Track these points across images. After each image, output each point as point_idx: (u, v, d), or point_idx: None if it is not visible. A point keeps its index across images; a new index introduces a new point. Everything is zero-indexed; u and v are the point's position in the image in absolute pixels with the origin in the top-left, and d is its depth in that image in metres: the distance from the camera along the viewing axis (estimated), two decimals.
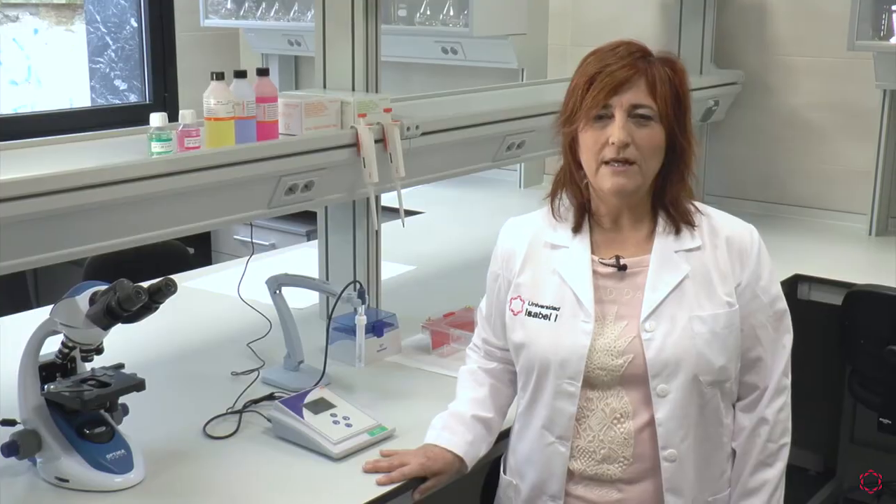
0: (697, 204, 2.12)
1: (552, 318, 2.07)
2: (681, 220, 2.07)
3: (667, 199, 2.07)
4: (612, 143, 1.97)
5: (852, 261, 3.95)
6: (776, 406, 2.09)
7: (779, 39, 4.48)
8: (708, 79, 4.47)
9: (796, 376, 2.12)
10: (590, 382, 2.03)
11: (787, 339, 2.11)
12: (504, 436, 2.29)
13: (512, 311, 2.14)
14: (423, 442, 2.23)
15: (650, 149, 1.99)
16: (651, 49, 2.05)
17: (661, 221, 2.08)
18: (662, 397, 1.99)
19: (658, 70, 2.01)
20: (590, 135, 2.01)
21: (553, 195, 2.16)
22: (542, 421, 2.09)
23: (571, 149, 2.08)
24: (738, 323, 2.04)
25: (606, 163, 1.99)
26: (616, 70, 1.98)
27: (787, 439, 2.10)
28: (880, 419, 3.49)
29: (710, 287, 2.04)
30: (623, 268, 2.06)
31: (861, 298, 3.42)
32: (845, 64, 4.28)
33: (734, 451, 2.12)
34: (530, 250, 2.15)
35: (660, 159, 2.03)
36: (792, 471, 2.15)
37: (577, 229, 2.11)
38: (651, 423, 2.01)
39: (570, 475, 2.08)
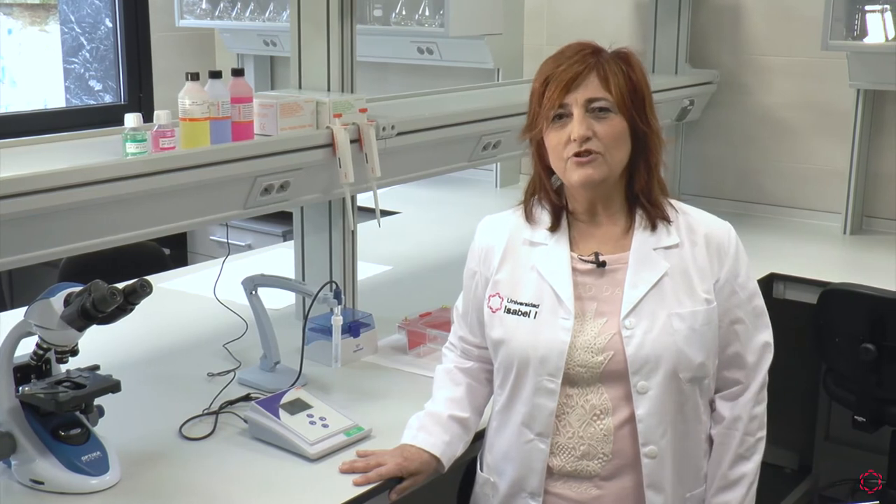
0: (673, 201, 2.13)
1: (531, 315, 2.07)
2: (656, 216, 2.09)
3: (637, 188, 2.08)
4: (574, 140, 1.99)
5: (827, 259, 3.97)
6: (755, 401, 2.11)
7: (753, 39, 4.50)
8: (683, 78, 4.48)
9: (771, 375, 2.14)
10: (570, 379, 2.04)
11: (767, 335, 2.13)
12: (481, 435, 2.29)
13: (490, 308, 2.14)
14: (400, 442, 2.23)
15: (612, 139, 2.01)
16: (603, 46, 2.08)
17: (637, 217, 2.10)
18: (643, 394, 2.00)
19: (609, 64, 2.03)
20: (552, 136, 2.04)
21: (526, 203, 2.18)
22: (522, 418, 2.10)
23: (539, 155, 2.10)
24: (716, 320, 2.05)
25: (572, 158, 2.01)
26: (566, 68, 2.02)
27: (763, 433, 2.13)
28: (855, 417, 3.51)
29: (688, 284, 2.05)
30: (602, 264, 2.07)
31: (836, 297, 3.43)
32: (819, 64, 4.30)
33: (710, 446, 2.13)
34: (509, 247, 2.16)
35: (625, 150, 2.05)
36: (767, 469, 2.17)
37: (554, 229, 2.12)
38: (631, 419, 2.02)
39: (549, 472, 2.08)
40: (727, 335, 2.09)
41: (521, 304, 2.09)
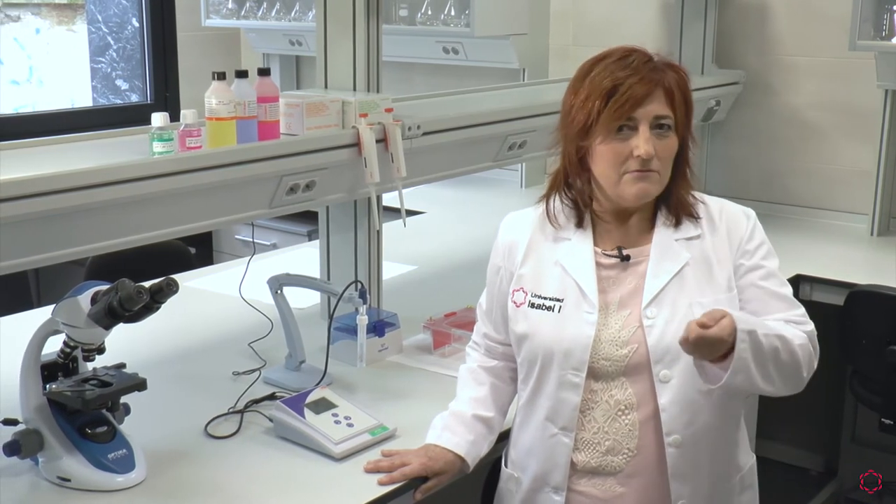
0: (697, 194, 2.13)
1: (556, 309, 2.08)
2: (683, 214, 2.09)
3: (672, 199, 2.08)
4: (638, 156, 1.97)
5: (853, 261, 3.95)
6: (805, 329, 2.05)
7: (780, 39, 4.48)
8: (709, 79, 4.47)
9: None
10: (594, 373, 2.04)
11: (788, 290, 2.11)
12: (505, 434, 2.29)
13: (514, 302, 2.14)
14: (424, 442, 2.23)
15: (669, 157, 2.02)
16: (651, 52, 2.06)
17: (661, 214, 2.10)
18: (665, 383, 2.00)
19: (670, 77, 2.02)
20: (610, 147, 2.00)
21: (547, 198, 2.17)
22: (545, 412, 2.10)
23: (579, 158, 2.07)
24: (738, 308, 2.05)
25: (629, 172, 2.00)
26: (637, 83, 1.98)
27: (804, 345, 2.02)
28: (881, 419, 3.49)
29: (710, 273, 2.05)
30: (626, 258, 2.08)
31: (862, 298, 3.42)
32: (846, 64, 4.28)
33: (741, 435, 2.13)
34: (532, 242, 2.16)
35: (672, 165, 2.05)
36: (793, 471, 2.15)
37: (578, 225, 2.12)
38: (655, 413, 2.02)
39: (574, 467, 2.08)
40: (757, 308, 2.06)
41: (546, 298, 2.10)
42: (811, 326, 2.07)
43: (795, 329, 2.03)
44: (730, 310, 1.89)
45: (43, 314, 2.22)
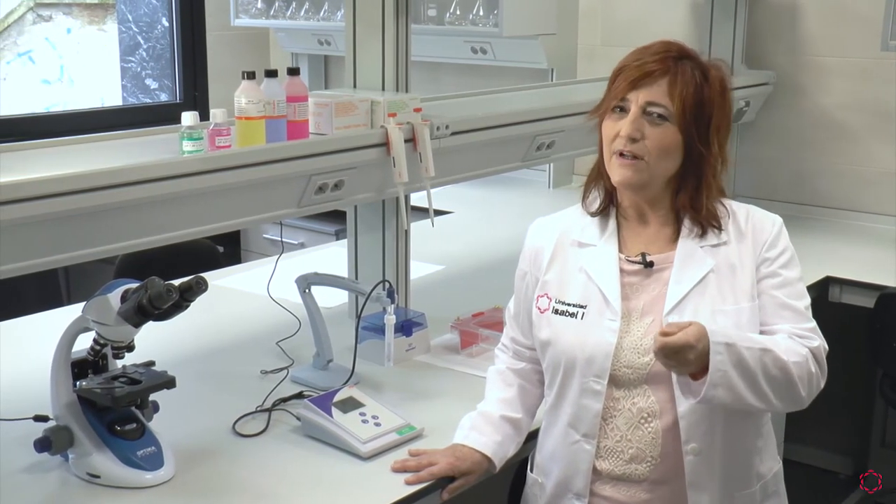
0: (726, 202, 2.11)
1: (579, 315, 2.07)
2: (707, 223, 2.07)
3: (681, 202, 2.06)
4: (621, 136, 1.99)
5: (884, 263, 3.91)
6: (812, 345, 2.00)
7: (810, 40, 4.45)
8: (739, 79, 4.44)
9: (826, 379, 2.10)
10: (616, 381, 2.03)
11: (802, 303, 2.05)
12: (533, 436, 2.29)
13: (539, 308, 2.14)
14: (452, 442, 2.23)
15: (660, 148, 2.00)
16: (692, 50, 2.05)
17: (686, 222, 2.08)
18: None
19: (687, 72, 2.00)
20: (608, 125, 2.04)
21: (586, 187, 2.17)
22: (568, 418, 2.09)
23: (600, 139, 2.10)
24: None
25: (617, 155, 2.01)
26: (641, 65, 2.01)
27: (808, 359, 1.97)
28: None
29: (734, 281, 2.03)
30: (650, 265, 2.06)
31: (893, 301, 3.39)
32: (877, 64, 4.25)
33: (762, 444, 2.11)
34: (557, 248, 2.15)
35: (675, 161, 2.03)
36: (821, 474, 2.13)
37: (602, 216, 2.12)
38: (677, 421, 2.00)
39: (598, 475, 2.07)
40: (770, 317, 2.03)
41: (569, 304, 2.09)
42: (818, 343, 2.00)
43: (797, 344, 1.97)
44: (715, 322, 1.91)
45: (73, 312, 2.23)
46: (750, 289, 2.03)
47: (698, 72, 2.02)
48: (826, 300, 3.65)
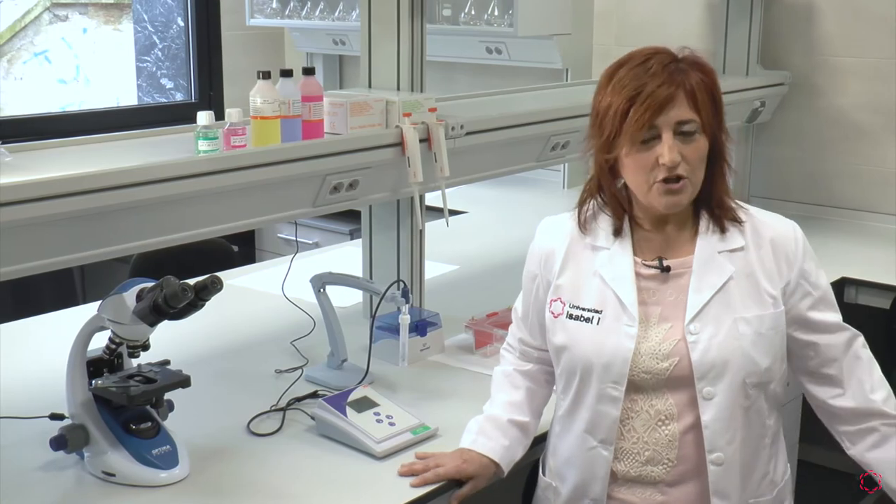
0: (738, 202, 2.09)
1: (594, 321, 2.04)
2: (725, 218, 2.05)
3: (713, 201, 2.04)
4: (663, 164, 1.93)
5: None
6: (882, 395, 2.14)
7: (826, 39, 4.44)
8: (754, 80, 4.43)
9: None
10: (634, 386, 2.01)
11: (848, 332, 2.11)
12: (541, 438, 2.28)
13: (552, 313, 2.12)
14: (459, 446, 2.21)
15: (698, 161, 1.96)
16: (676, 50, 2.01)
17: (703, 221, 2.06)
18: (708, 400, 1.97)
19: (693, 78, 1.96)
20: (637, 158, 1.96)
21: (581, 205, 2.13)
22: (585, 425, 2.07)
23: (610, 168, 2.03)
24: (783, 324, 2.02)
25: (660, 182, 1.95)
26: (656, 89, 1.93)
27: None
28: None
29: (754, 288, 2.01)
30: (666, 269, 2.04)
31: None
32: (893, 65, 4.23)
33: (773, 451, 2.10)
34: (570, 251, 2.12)
35: (704, 166, 1.99)
36: (838, 476, 2.13)
37: (617, 233, 2.08)
38: (696, 425, 1.99)
39: (613, 477, 2.06)
40: (805, 343, 2.06)
41: (584, 309, 2.06)
42: (860, 338, 2.13)
43: (880, 386, 2.16)
44: (737, 330, 1.98)
45: (88, 311, 2.24)
46: (773, 297, 2.01)
47: (697, 70, 1.99)
48: (842, 301, 3.63)
